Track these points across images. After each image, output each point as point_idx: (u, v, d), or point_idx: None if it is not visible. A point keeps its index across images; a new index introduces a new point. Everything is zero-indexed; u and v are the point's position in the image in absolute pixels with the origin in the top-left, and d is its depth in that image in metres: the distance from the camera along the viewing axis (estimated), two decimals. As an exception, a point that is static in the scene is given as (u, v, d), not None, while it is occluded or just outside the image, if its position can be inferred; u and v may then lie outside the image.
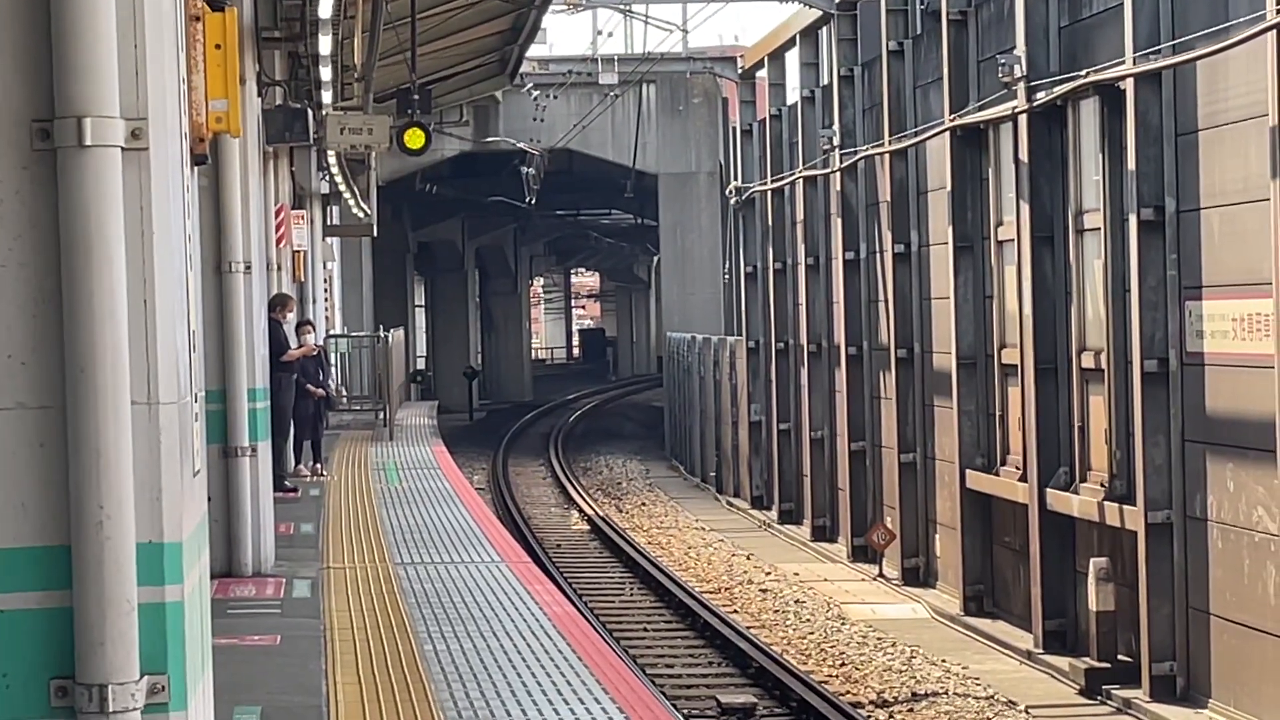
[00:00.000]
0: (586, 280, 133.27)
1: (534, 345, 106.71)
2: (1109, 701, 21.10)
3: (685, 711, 20.09)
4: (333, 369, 36.74)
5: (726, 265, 51.77)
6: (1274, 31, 17.78)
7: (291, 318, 24.53)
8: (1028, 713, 20.62)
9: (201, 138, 6.56)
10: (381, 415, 37.64)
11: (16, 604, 5.24)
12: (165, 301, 5.36)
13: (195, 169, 6.46)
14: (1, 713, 5.24)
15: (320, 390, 26.35)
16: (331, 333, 42.68)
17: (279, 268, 24.88)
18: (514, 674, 12.85)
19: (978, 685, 21.95)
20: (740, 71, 45.29)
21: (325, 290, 41.80)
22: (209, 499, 12.81)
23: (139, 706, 5.19)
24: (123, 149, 5.20)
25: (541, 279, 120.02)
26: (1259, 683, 19.01)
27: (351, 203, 39.65)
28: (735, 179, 44.03)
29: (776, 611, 27.17)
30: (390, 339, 39.74)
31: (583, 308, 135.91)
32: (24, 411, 5.25)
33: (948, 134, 27.00)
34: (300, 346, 24.97)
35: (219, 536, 16.15)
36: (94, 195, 5.16)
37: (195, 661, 5.57)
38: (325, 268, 41.58)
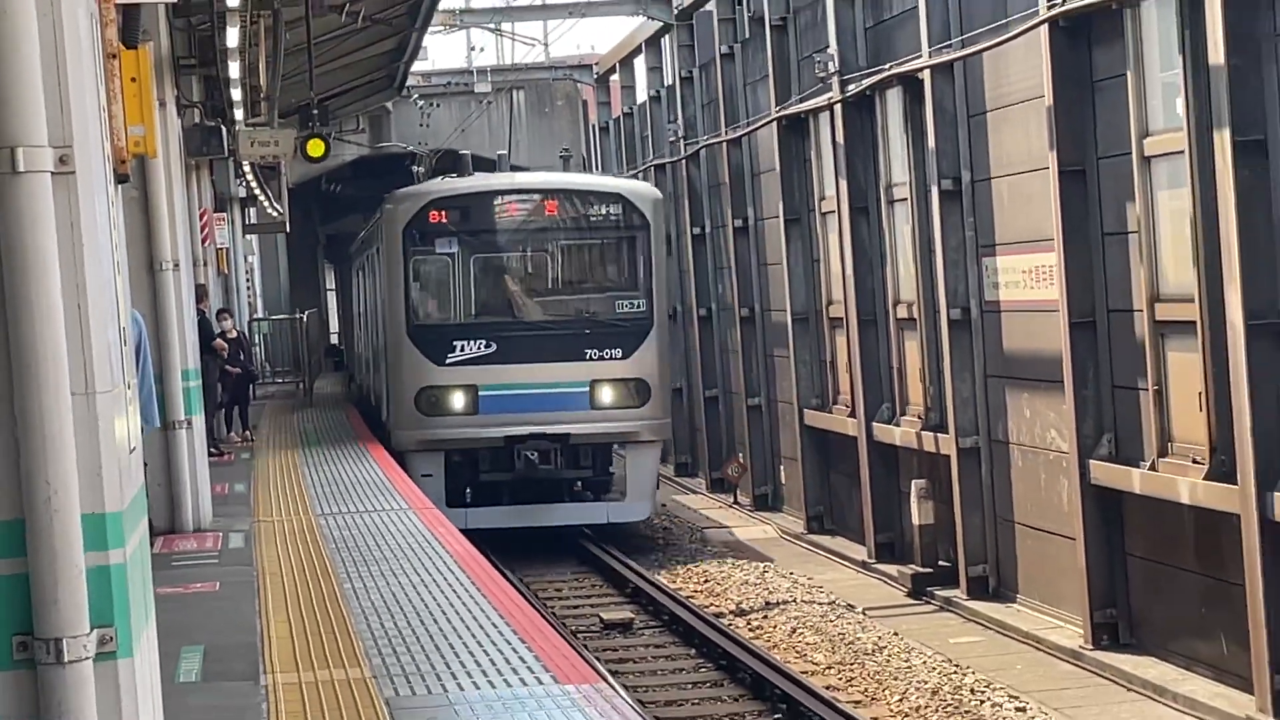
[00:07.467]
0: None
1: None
2: (933, 601, 21.27)
3: (574, 629, 20.09)
4: (255, 349, 36.48)
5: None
6: (1046, 25, 17.91)
7: (208, 305, 24.27)
8: (864, 613, 20.74)
9: (123, 159, 6.51)
10: (301, 385, 37.47)
11: (-21, 572, 5.19)
12: (97, 304, 5.30)
13: (119, 186, 6.39)
14: (-29, 667, 5.19)
15: (235, 369, 26.02)
16: (255, 317, 42.38)
17: (206, 263, 24.68)
18: (422, 604, 12.83)
19: (821, 592, 22.07)
20: (596, 77, 45.30)
21: (247, 280, 41.48)
22: (145, 465, 12.66)
23: (90, 656, 5.15)
24: (52, 173, 5.14)
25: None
26: (1057, 578, 19.21)
27: (266, 204, 39.29)
28: (597, 170, 43.97)
29: (646, 538, 27.19)
30: (306, 320, 39.53)
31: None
32: (-24, 405, 5.20)
33: (775, 123, 27.08)
34: (220, 335, 24.76)
35: (162, 498, 16.03)
36: (28, 215, 5.09)
37: (139, 613, 5.52)
38: (246, 261, 41.25)
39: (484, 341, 25.45)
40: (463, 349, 25.46)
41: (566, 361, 25.31)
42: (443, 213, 25.89)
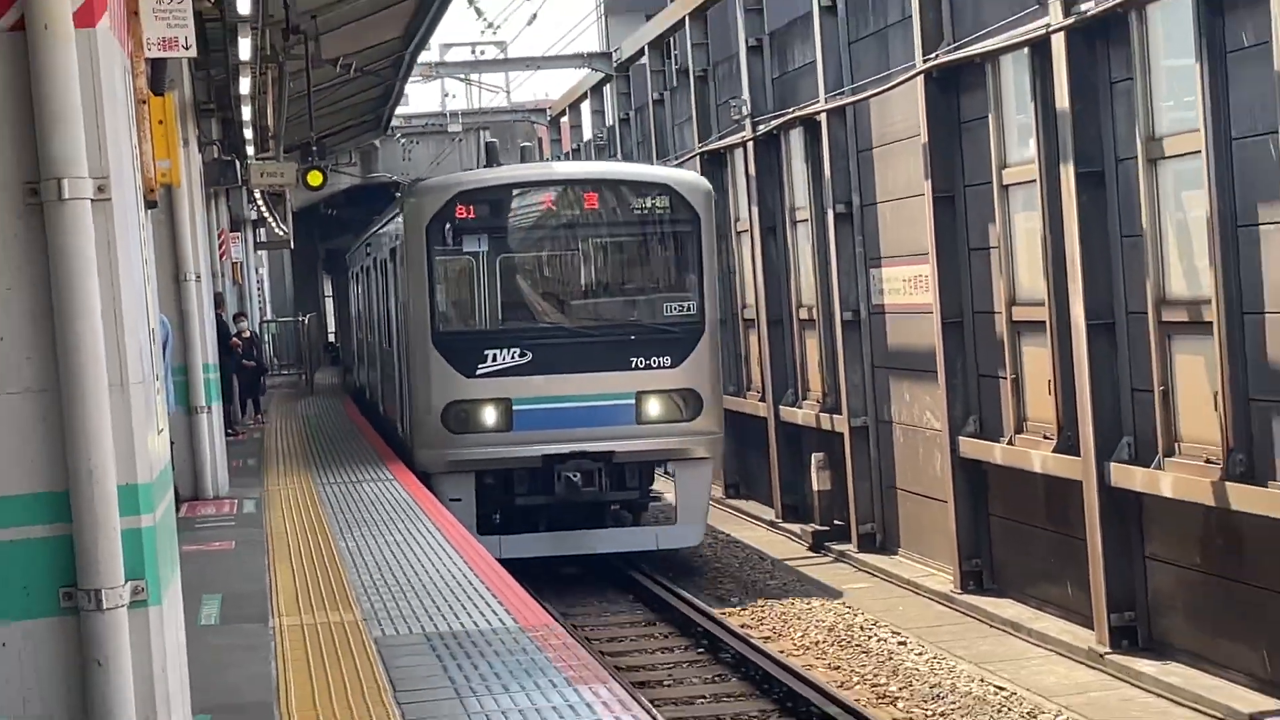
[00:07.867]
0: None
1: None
2: (829, 554, 21.31)
3: (532, 579, 19.97)
4: (265, 346, 36.35)
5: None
6: (922, 76, 17.97)
7: (225, 311, 24.19)
8: (773, 564, 20.76)
9: (152, 189, 6.48)
10: (304, 377, 37.28)
11: (32, 534, 5.18)
12: (130, 309, 5.28)
13: (149, 211, 6.37)
14: (26, 613, 5.18)
15: (249, 364, 26.08)
16: (266, 319, 42.19)
17: (223, 275, 24.58)
18: (405, 560, 12.78)
19: (737, 546, 22.08)
20: (549, 118, 45.20)
21: (258, 288, 41.30)
22: (173, 443, 12.60)
23: (125, 604, 5.15)
24: (92, 200, 5.13)
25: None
26: (930, 534, 19.29)
27: (274, 225, 39.12)
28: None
29: (593, 503, 27.05)
30: (308, 321, 39.36)
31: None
32: (29, 394, 5.18)
33: (698, 158, 27.06)
34: (235, 335, 24.72)
35: (187, 471, 15.95)
36: (72, 235, 5.09)
37: (166, 568, 5.51)
38: (257, 273, 41.08)
39: (518, 350, 19.28)
40: (494, 359, 19.28)
41: (610, 371, 19.31)
42: (470, 206, 19.57)
